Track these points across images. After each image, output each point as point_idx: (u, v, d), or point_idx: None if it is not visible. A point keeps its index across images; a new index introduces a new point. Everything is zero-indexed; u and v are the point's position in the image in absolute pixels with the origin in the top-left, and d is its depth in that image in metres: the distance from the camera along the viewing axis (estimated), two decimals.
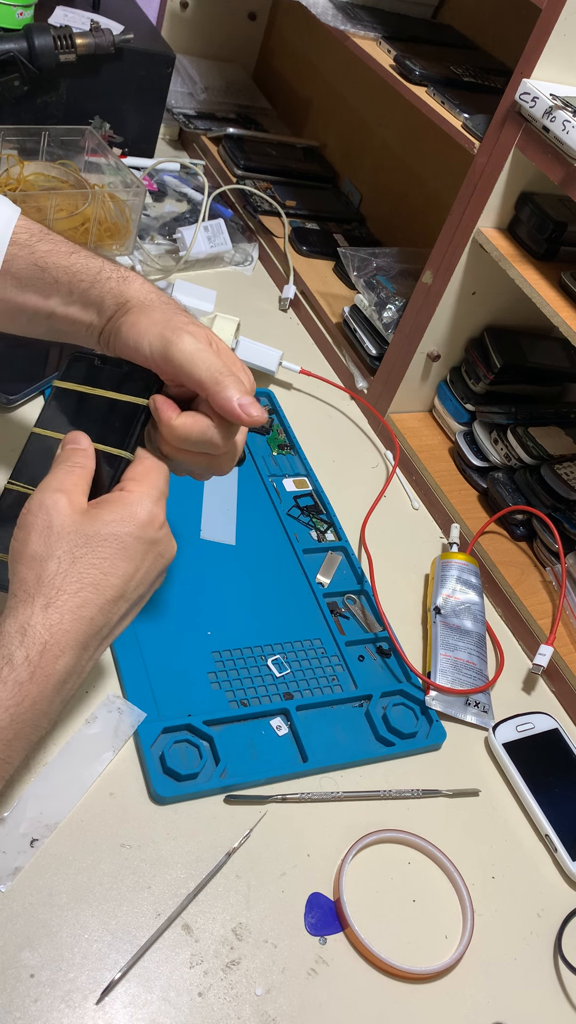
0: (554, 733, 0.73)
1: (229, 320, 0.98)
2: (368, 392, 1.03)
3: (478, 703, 0.74)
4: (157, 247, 1.12)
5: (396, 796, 0.66)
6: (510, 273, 0.82)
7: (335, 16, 1.03)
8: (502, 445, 0.92)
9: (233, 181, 1.29)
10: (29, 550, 0.52)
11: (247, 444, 0.90)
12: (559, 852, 0.66)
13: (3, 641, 0.49)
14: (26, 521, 0.53)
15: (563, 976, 0.60)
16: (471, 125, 0.85)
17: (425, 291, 0.92)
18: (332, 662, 0.73)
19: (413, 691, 0.72)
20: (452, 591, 0.80)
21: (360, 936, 0.57)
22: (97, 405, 0.61)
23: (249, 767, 0.64)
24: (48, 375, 0.87)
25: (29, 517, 0.53)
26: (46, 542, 0.52)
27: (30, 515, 0.53)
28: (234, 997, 0.53)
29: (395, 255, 1.10)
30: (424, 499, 0.95)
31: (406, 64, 0.93)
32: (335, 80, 1.41)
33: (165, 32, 1.46)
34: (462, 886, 0.62)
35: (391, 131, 1.28)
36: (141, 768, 0.62)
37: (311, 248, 1.21)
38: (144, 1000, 0.52)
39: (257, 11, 1.53)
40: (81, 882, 0.56)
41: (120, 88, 1.18)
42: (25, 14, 1.08)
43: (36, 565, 0.51)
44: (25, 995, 0.50)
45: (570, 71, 0.77)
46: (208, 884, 0.58)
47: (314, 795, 0.64)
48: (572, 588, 0.82)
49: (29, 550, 0.52)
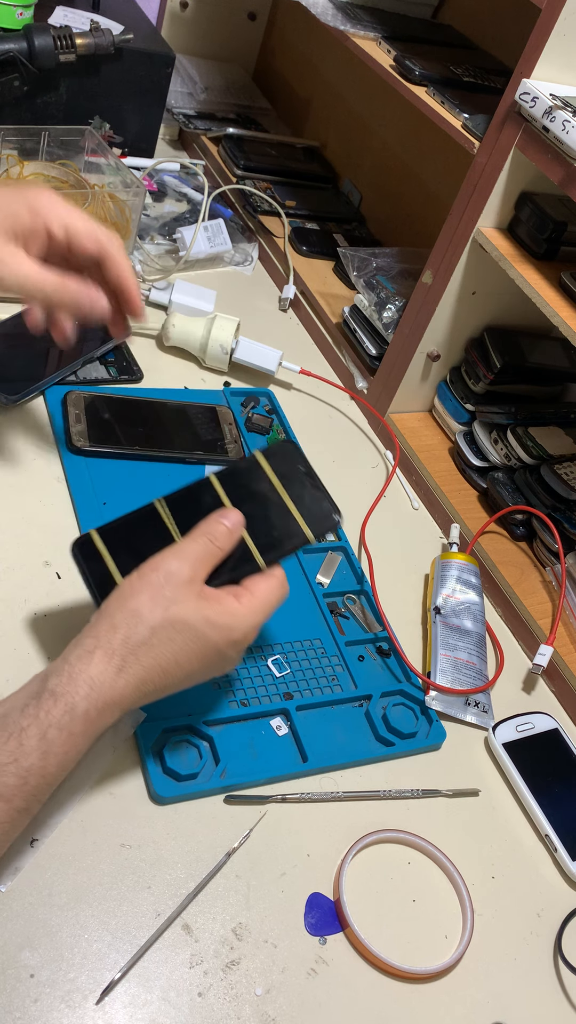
0: (554, 733, 0.73)
1: (229, 320, 0.98)
2: (368, 392, 1.03)
3: (478, 703, 0.74)
4: (157, 247, 1.12)
5: (396, 796, 0.66)
6: (510, 273, 0.82)
7: (335, 16, 1.03)
8: (502, 445, 0.92)
9: (233, 181, 1.29)
10: (132, 604, 0.54)
11: (247, 443, 0.90)
12: (559, 852, 0.66)
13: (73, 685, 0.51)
14: (145, 574, 0.56)
15: (563, 976, 0.60)
16: (471, 125, 0.85)
17: (425, 291, 0.92)
18: (332, 662, 0.73)
19: (413, 691, 0.72)
20: (452, 591, 0.80)
21: (360, 936, 0.57)
22: (273, 500, 0.62)
23: (249, 767, 0.64)
24: (48, 375, 0.87)
25: (151, 575, 0.55)
26: (151, 607, 0.54)
27: (153, 573, 0.56)
28: (234, 997, 0.53)
29: (395, 255, 1.10)
30: (424, 499, 0.95)
31: (406, 64, 0.93)
32: (335, 80, 1.41)
33: (165, 32, 1.46)
34: (462, 886, 0.62)
35: (391, 131, 1.28)
36: (141, 768, 0.62)
37: (311, 248, 1.21)
38: (144, 1000, 0.52)
39: (257, 11, 1.53)
40: (81, 882, 0.56)
41: (120, 88, 1.18)
42: (25, 14, 1.08)
43: (130, 622, 0.54)
44: (25, 995, 0.50)
45: (570, 71, 0.77)
46: (208, 884, 0.58)
47: (314, 795, 0.64)
48: (572, 588, 0.82)
49: (132, 604, 0.54)
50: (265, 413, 0.96)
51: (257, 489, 0.62)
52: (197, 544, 0.57)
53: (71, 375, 0.90)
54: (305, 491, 0.62)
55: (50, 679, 0.52)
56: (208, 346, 0.97)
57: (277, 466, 0.63)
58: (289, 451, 0.64)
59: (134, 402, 0.89)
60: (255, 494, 0.62)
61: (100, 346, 0.93)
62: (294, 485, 0.62)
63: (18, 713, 0.50)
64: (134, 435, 0.85)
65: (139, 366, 0.95)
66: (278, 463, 0.63)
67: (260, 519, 0.61)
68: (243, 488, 0.62)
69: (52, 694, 0.51)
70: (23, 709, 0.51)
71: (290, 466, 0.63)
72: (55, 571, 0.72)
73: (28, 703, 0.51)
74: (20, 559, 0.72)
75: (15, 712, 0.51)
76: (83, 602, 0.71)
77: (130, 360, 0.95)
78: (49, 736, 0.50)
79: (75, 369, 0.90)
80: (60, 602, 0.70)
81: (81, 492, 0.79)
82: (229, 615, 0.56)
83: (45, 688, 0.51)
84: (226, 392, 0.96)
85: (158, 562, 0.56)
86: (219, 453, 0.87)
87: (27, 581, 0.71)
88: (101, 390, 0.89)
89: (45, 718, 0.50)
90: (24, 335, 0.91)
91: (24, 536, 0.74)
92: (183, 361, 1.00)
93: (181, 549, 0.57)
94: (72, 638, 0.68)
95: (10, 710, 0.51)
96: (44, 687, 0.51)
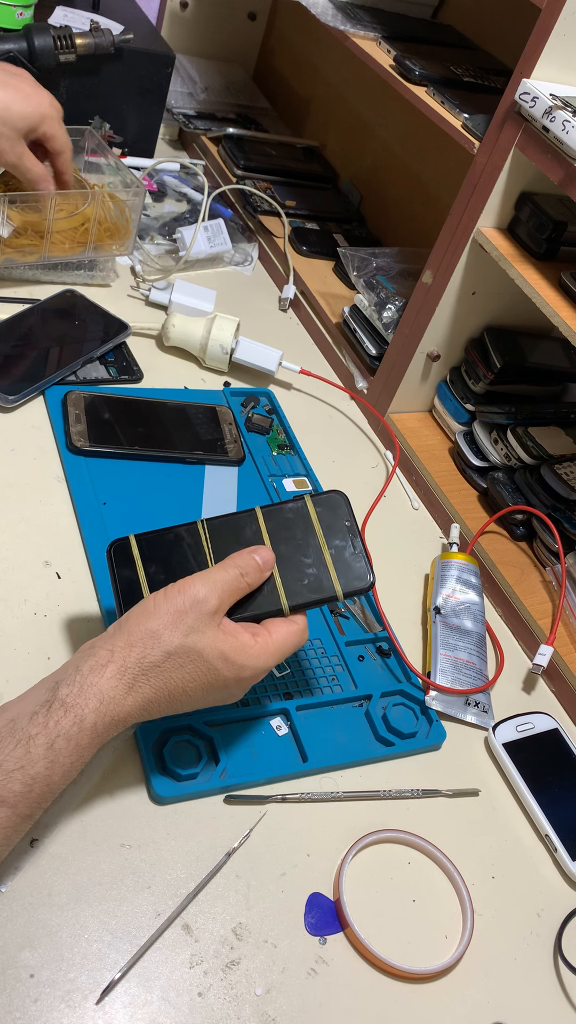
0: (554, 733, 0.73)
1: (229, 320, 0.98)
2: (368, 392, 1.03)
3: (478, 703, 0.74)
4: (157, 247, 1.12)
5: (396, 796, 0.66)
6: (510, 273, 0.82)
7: (335, 16, 1.03)
8: (502, 445, 0.92)
9: (233, 181, 1.29)
10: (153, 624, 0.55)
11: (247, 443, 0.90)
12: (559, 852, 0.66)
13: (83, 697, 0.52)
14: (171, 596, 0.56)
15: (563, 976, 0.60)
16: (471, 125, 0.85)
17: (425, 291, 0.92)
18: (332, 662, 0.73)
19: (413, 691, 0.72)
20: (452, 591, 0.80)
21: (360, 936, 0.57)
22: (311, 548, 0.62)
23: (249, 767, 0.64)
24: (48, 375, 0.87)
25: (177, 597, 0.56)
26: (170, 632, 0.55)
27: (179, 596, 0.56)
28: (234, 997, 0.53)
29: (395, 255, 1.10)
30: (424, 499, 0.95)
31: (406, 64, 0.93)
32: (335, 80, 1.41)
33: (165, 32, 1.46)
34: (462, 886, 0.62)
35: (391, 131, 1.28)
36: (141, 768, 0.62)
37: (311, 248, 1.21)
38: (144, 1000, 0.52)
39: (257, 11, 1.53)
40: (81, 882, 0.56)
41: (120, 88, 1.19)
42: (25, 14, 1.08)
43: (147, 642, 0.54)
44: (25, 995, 0.50)
45: (570, 71, 0.77)
46: (208, 884, 0.58)
47: (314, 795, 0.64)
48: (572, 588, 0.82)
49: (153, 624, 0.55)
50: (265, 413, 0.96)
51: (298, 533, 0.62)
52: (227, 574, 0.58)
53: (71, 375, 0.90)
54: (345, 546, 0.62)
55: (61, 688, 0.52)
56: (208, 346, 0.97)
57: (323, 514, 0.63)
58: (338, 502, 0.64)
59: (134, 402, 0.89)
60: (295, 537, 0.62)
61: (100, 346, 0.93)
62: (336, 537, 0.63)
63: (27, 720, 0.50)
64: (134, 435, 0.85)
65: (139, 366, 0.95)
66: (325, 512, 0.63)
67: (294, 563, 0.61)
68: (285, 528, 0.62)
69: (63, 704, 0.51)
70: (32, 716, 0.50)
71: (336, 517, 0.63)
72: (55, 571, 0.72)
73: (37, 711, 0.51)
74: (20, 559, 0.72)
75: (23, 719, 0.50)
76: (83, 601, 0.71)
77: (130, 360, 0.95)
78: (57, 746, 0.50)
79: (75, 369, 0.90)
80: (60, 602, 0.70)
81: (81, 492, 0.79)
82: (243, 653, 0.57)
83: (56, 697, 0.51)
84: (226, 392, 0.96)
85: (186, 585, 0.56)
86: (219, 453, 0.87)
87: (27, 581, 0.71)
88: (101, 390, 0.89)
89: (54, 728, 0.50)
90: (24, 335, 0.92)
91: (24, 536, 0.74)
92: (183, 361, 1.00)
93: (211, 576, 0.57)
94: (72, 638, 0.68)
95: (18, 716, 0.51)
96: (55, 696, 0.51)
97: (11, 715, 0.51)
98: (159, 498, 0.81)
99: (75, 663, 0.54)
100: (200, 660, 0.55)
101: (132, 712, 0.54)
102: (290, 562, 0.61)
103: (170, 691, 0.55)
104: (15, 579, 0.71)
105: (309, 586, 0.61)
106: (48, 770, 0.49)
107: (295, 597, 0.60)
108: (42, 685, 0.53)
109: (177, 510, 0.81)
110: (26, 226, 0.95)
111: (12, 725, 0.50)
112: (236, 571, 0.58)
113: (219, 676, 0.56)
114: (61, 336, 0.93)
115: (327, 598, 0.61)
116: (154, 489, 0.82)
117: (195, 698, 0.56)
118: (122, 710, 0.53)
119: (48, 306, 0.97)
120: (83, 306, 0.98)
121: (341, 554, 0.62)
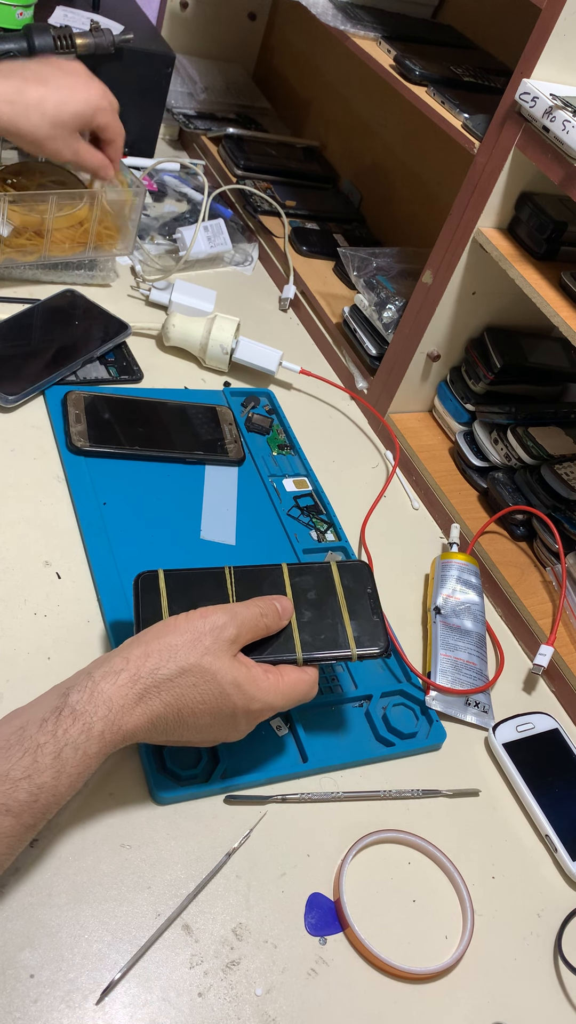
0: (554, 733, 0.73)
1: (229, 320, 0.98)
2: (368, 392, 1.03)
3: (478, 703, 0.74)
4: (157, 247, 1.12)
5: (396, 796, 0.66)
6: (510, 273, 0.82)
7: (335, 16, 1.02)
8: (502, 445, 0.92)
9: (233, 181, 1.29)
10: (171, 640, 0.55)
11: (247, 443, 0.90)
12: (559, 852, 0.66)
13: (92, 704, 0.51)
14: (192, 618, 0.57)
15: (563, 976, 0.60)
16: (471, 125, 0.85)
17: (425, 291, 0.92)
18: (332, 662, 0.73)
19: (413, 691, 0.72)
20: (452, 591, 0.80)
21: (360, 936, 0.57)
22: (331, 607, 0.64)
23: (249, 767, 0.64)
24: (48, 375, 0.87)
25: (198, 621, 0.56)
26: (188, 649, 0.55)
27: (200, 620, 0.56)
28: (234, 997, 0.53)
29: (395, 255, 1.10)
30: (424, 499, 0.95)
31: (406, 64, 0.93)
32: (335, 80, 1.41)
33: (165, 32, 1.46)
34: (462, 886, 0.62)
35: (391, 131, 1.28)
36: (141, 768, 0.62)
37: (311, 248, 1.21)
38: (144, 1000, 0.52)
39: (257, 11, 1.53)
40: (81, 882, 0.55)
41: (120, 88, 1.17)
42: (25, 14, 1.08)
43: (163, 655, 0.54)
44: (25, 995, 0.50)
45: (570, 71, 0.77)
46: (208, 884, 0.58)
47: (314, 795, 0.64)
48: (572, 588, 0.82)
49: (171, 640, 0.55)
50: (265, 413, 0.96)
51: (320, 592, 0.64)
52: (248, 611, 0.58)
53: (71, 375, 0.90)
54: (365, 611, 0.64)
55: (72, 694, 0.52)
56: (208, 346, 0.97)
57: (346, 579, 0.65)
58: (362, 571, 0.66)
59: (134, 402, 0.89)
60: (317, 596, 0.64)
61: (100, 346, 0.93)
62: (356, 602, 0.65)
63: (36, 728, 0.50)
64: (134, 435, 0.85)
65: (139, 366, 0.95)
66: (348, 577, 0.66)
67: (313, 619, 0.63)
68: (308, 586, 0.64)
69: (72, 711, 0.51)
70: (41, 724, 0.50)
71: (359, 584, 0.65)
72: (55, 571, 0.72)
73: (47, 717, 0.50)
74: (20, 559, 0.72)
75: (33, 726, 0.50)
76: (83, 602, 0.71)
77: (130, 360, 0.95)
78: (64, 755, 0.49)
79: (75, 369, 0.90)
80: (60, 602, 0.70)
81: (81, 492, 0.79)
82: (255, 685, 0.57)
83: (66, 703, 0.51)
84: (226, 392, 0.96)
85: (207, 611, 0.57)
86: (219, 453, 0.87)
87: (27, 581, 0.71)
88: (101, 390, 0.89)
89: (63, 736, 0.50)
90: (24, 335, 0.92)
91: (24, 536, 0.74)
92: (183, 361, 1.00)
93: (232, 608, 0.58)
94: (71, 638, 0.68)
95: (28, 723, 0.50)
96: (65, 702, 0.51)
97: (21, 722, 0.51)
98: (159, 498, 0.81)
99: (88, 670, 0.54)
100: (213, 682, 0.55)
101: (140, 724, 0.53)
102: (310, 618, 0.63)
103: (179, 709, 0.54)
104: (15, 579, 0.71)
105: (325, 642, 0.62)
106: (55, 780, 0.49)
107: (310, 650, 0.61)
108: (54, 691, 0.53)
109: (177, 510, 0.81)
110: (26, 226, 0.95)
111: (21, 733, 0.50)
112: (257, 610, 0.59)
113: (229, 702, 0.56)
114: (61, 336, 0.93)
115: (341, 656, 0.62)
116: (154, 489, 0.82)
117: (202, 723, 0.56)
118: (130, 720, 0.52)
119: (48, 306, 0.97)
120: (83, 306, 0.98)
121: (359, 618, 0.64)
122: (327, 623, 0.63)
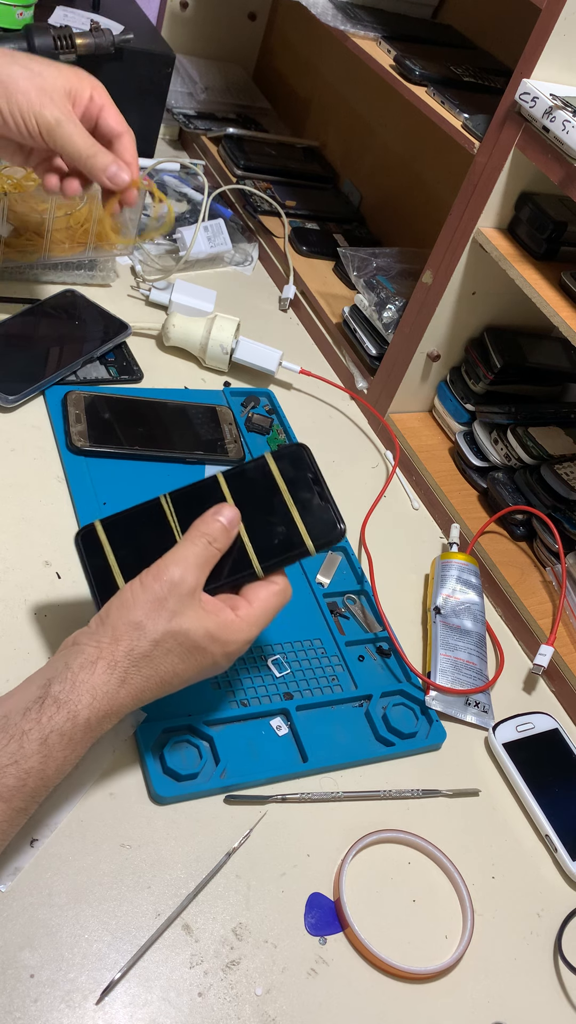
0: (554, 733, 0.74)
1: (229, 320, 0.98)
2: (368, 392, 1.03)
3: (478, 703, 0.74)
4: (157, 247, 1.12)
5: (396, 796, 0.66)
6: (510, 273, 0.82)
7: (335, 16, 1.03)
8: (502, 445, 0.92)
9: (233, 181, 1.29)
10: (135, 615, 0.55)
11: (247, 443, 0.90)
12: (559, 852, 0.66)
13: (76, 693, 0.52)
14: (147, 584, 0.56)
15: (563, 976, 0.60)
16: (471, 125, 0.85)
17: (425, 291, 0.92)
18: (332, 662, 0.73)
19: (413, 691, 0.72)
20: (452, 591, 0.80)
21: (360, 936, 0.57)
22: (277, 506, 0.60)
23: (249, 767, 0.64)
24: (48, 375, 0.87)
25: (154, 584, 0.55)
26: (154, 620, 0.55)
27: (156, 583, 0.55)
28: (234, 997, 0.53)
29: (395, 255, 1.10)
30: (424, 499, 0.95)
31: (406, 64, 0.93)
32: (335, 80, 1.41)
33: (165, 32, 1.46)
34: (462, 886, 0.62)
35: (391, 131, 1.28)
36: (141, 768, 0.62)
37: (311, 248, 1.21)
38: (144, 1000, 0.52)
39: (257, 11, 1.53)
40: (81, 882, 0.56)
41: (120, 88, 1.17)
42: (25, 14, 1.08)
43: (133, 635, 0.54)
44: (25, 995, 0.50)
45: (570, 71, 0.77)
46: (208, 884, 0.58)
47: (314, 795, 0.64)
48: (572, 588, 0.82)
49: (135, 615, 0.55)
50: (265, 413, 0.96)
51: (262, 492, 0.61)
52: (196, 546, 0.57)
53: (71, 375, 0.90)
54: (312, 499, 0.61)
55: (53, 685, 0.52)
56: (208, 346, 0.97)
57: (285, 470, 0.61)
58: (299, 455, 0.62)
59: (134, 402, 0.89)
60: (260, 498, 0.61)
61: (100, 346, 0.93)
62: (301, 491, 0.61)
63: (19, 716, 0.51)
64: (134, 435, 0.85)
65: (139, 366, 0.95)
66: (287, 467, 0.62)
67: (262, 524, 0.60)
68: (249, 490, 0.61)
69: (55, 700, 0.51)
70: (24, 713, 0.51)
71: (299, 471, 0.62)
72: (55, 571, 0.72)
73: (30, 707, 0.51)
74: (20, 559, 0.72)
75: (16, 714, 0.51)
76: (83, 602, 0.71)
77: (130, 360, 0.95)
78: (50, 741, 0.50)
79: (75, 369, 0.90)
80: (60, 602, 0.70)
81: (81, 492, 0.79)
82: (228, 629, 0.57)
83: (48, 694, 0.52)
84: (226, 392, 0.96)
85: (160, 570, 0.56)
86: (219, 453, 0.87)
87: (27, 581, 0.71)
88: (101, 390, 0.89)
89: (48, 723, 0.50)
90: (24, 335, 0.92)
91: (24, 536, 0.74)
92: (183, 361, 1.00)
93: (182, 555, 0.57)
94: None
95: (10, 712, 0.51)
96: (47, 692, 0.52)
97: (2, 712, 0.51)
98: None
99: (64, 660, 0.54)
100: (187, 641, 0.55)
101: (126, 703, 0.54)
102: (258, 523, 0.60)
103: (161, 677, 0.55)
104: (15, 579, 0.71)
105: (280, 545, 0.59)
106: (42, 764, 0.50)
107: (267, 558, 0.59)
108: (32, 682, 0.53)
109: None
110: (26, 226, 0.95)
111: (4, 721, 0.50)
112: (203, 540, 0.57)
113: (207, 654, 0.56)
114: (61, 336, 0.93)
115: (298, 554, 0.59)
116: (154, 489, 0.81)
117: (186, 677, 0.57)
118: (116, 702, 0.53)
119: (48, 306, 0.97)
120: (83, 306, 0.98)
121: (308, 508, 0.60)
122: (277, 523, 0.60)
